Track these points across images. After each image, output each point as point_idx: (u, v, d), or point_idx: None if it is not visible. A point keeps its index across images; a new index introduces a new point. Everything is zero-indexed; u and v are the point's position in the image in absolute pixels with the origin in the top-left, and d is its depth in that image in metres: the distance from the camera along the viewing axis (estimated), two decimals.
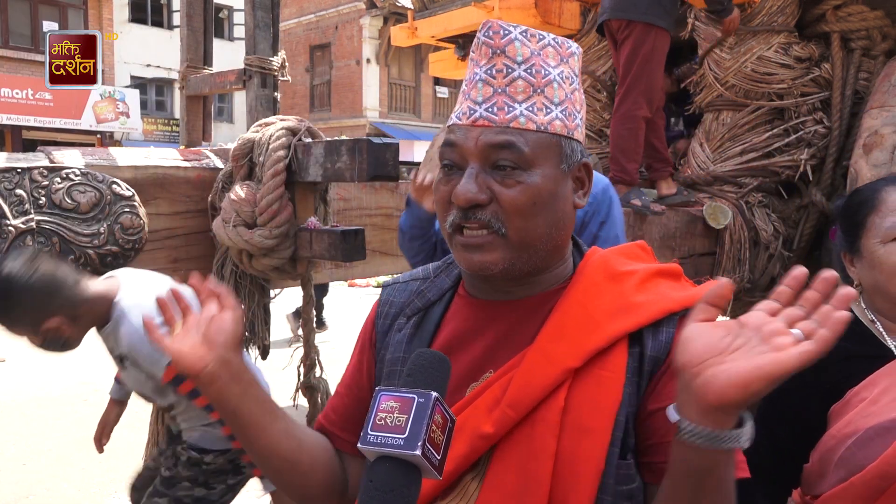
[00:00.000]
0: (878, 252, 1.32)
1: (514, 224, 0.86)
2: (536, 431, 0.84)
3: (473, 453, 0.86)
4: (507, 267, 0.88)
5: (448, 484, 0.88)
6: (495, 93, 0.87)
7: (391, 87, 20.20)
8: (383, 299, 1.07)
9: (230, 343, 0.87)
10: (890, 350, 1.30)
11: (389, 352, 1.01)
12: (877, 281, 1.33)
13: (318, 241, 1.85)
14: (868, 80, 3.43)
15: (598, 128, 4.09)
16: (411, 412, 0.71)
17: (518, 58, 0.87)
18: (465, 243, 0.88)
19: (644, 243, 1.04)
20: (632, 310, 0.88)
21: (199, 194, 1.97)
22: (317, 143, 1.84)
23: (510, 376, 0.88)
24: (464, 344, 0.95)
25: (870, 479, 1.16)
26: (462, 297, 1.00)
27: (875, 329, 1.34)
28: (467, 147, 0.87)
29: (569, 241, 0.96)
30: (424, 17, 4.63)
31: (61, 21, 16.44)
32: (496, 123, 0.86)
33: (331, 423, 1.06)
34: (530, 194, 0.85)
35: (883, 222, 1.32)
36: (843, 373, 1.30)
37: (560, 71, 0.89)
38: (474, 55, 0.91)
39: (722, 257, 3.33)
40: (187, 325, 0.88)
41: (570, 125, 0.90)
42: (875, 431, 1.19)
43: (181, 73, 2.42)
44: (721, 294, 0.74)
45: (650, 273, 0.93)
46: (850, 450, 1.21)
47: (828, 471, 1.25)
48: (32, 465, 4.27)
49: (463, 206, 0.86)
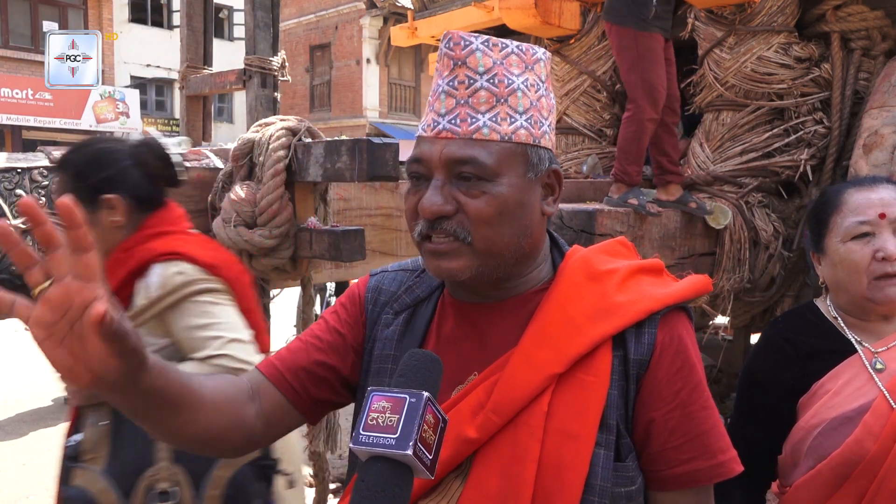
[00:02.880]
0: (839, 251, 1.39)
1: (479, 233, 0.86)
2: (520, 436, 0.84)
3: (457, 456, 0.86)
4: (474, 274, 0.88)
5: (432, 484, 0.87)
6: (458, 104, 0.87)
7: (391, 87, 20.20)
8: (372, 285, 1.06)
9: (101, 356, 0.69)
10: (851, 343, 1.37)
11: (377, 347, 1.00)
12: (838, 278, 1.40)
13: (318, 241, 1.85)
14: (868, 80, 3.43)
15: (598, 128, 4.09)
16: (403, 412, 0.71)
17: (480, 68, 0.87)
18: (432, 250, 0.88)
19: (625, 239, 1.04)
20: (613, 311, 0.88)
21: (199, 194, 1.97)
22: (317, 143, 1.84)
23: (494, 379, 0.88)
24: (450, 345, 0.95)
25: (835, 465, 1.26)
26: (447, 298, 1.00)
27: (838, 325, 1.41)
28: (432, 159, 0.87)
29: (539, 247, 0.96)
30: (424, 17, 4.63)
31: (61, 21, 16.44)
32: (459, 135, 0.86)
33: (282, 360, 1.00)
34: (495, 204, 0.86)
35: (843, 222, 1.39)
36: (808, 367, 1.38)
37: (525, 79, 0.89)
38: (438, 66, 0.91)
39: (722, 257, 3.33)
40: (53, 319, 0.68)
41: (536, 133, 0.89)
42: (839, 421, 1.28)
43: (181, 73, 2.42)
44: None
45: (631, 270, 0.94)
46: (818, 439, 1.30)
47: (799, 460, 1.35)
48: (32, 465, 4.27)
49: (429, 217, 0.86)
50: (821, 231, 1.45)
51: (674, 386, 0.87)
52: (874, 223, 1.35)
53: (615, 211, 2.80)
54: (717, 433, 0.89)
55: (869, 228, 1.35)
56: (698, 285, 0.95)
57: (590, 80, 4.01)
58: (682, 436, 0.87)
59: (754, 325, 4.52)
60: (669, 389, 0.87)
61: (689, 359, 0.89)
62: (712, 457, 0.87)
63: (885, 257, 1.32)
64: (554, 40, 4.09)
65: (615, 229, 2.75)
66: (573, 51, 4.02)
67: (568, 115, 4.07)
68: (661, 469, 0.88)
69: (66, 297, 0.67)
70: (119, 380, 0.73)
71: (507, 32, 3.97)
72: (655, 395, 0.87)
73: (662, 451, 0.87)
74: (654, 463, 0.88)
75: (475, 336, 0.94)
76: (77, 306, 0.67)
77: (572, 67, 4.02)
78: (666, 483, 0.88)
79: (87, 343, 0.68)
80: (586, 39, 4.00)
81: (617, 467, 0.85)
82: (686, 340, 0.90)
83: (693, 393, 0.88)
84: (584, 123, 4.08)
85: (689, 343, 0.91)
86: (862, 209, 1.36)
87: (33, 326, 0.68)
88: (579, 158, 4.03)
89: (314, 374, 0.99)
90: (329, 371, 0.99)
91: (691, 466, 0.86)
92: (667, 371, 0.87)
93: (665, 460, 0.87)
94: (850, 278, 1.36)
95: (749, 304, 3.69)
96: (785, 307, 3.71)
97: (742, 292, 3.46)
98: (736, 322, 4.16)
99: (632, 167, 3.04)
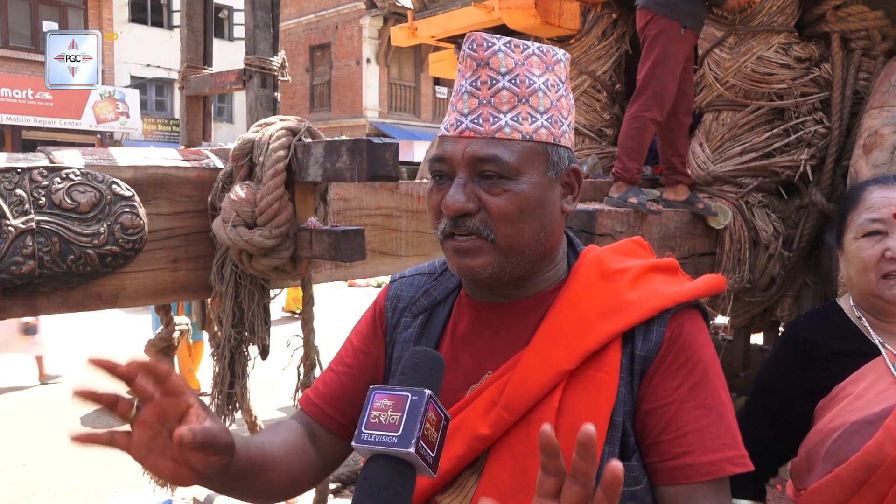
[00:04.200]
0: (852, 247, 1.38)
1: (501, 231, 0.88)
2: (532, 432, 0.85)
3: (470, 453, 0.88)
4: (496, 271, 0.89)
5: (447, 480, 0.89)
6: (480, 104, 0.89)
7: (391, 87, 20.19)
8: (391, 293, 1.08)
9: (205, 465, 0.79)
10: (875, 346, 1.34)
11: (396, 350, 1.02)
12: (850, 275, 1.39)
13: (318, 241, 1.85)
14: (868, 80, 3.43)
15: (598, 128, 4.09)
16: (405, 410, 0.71)
17: (502, 69, 0.89)
18: (455, 248, 0.90)
19: (641, 239, 1.04)
20: (623, 309, 0.89)
21: (199, 194, 1.97)
22: (317, 144, 1.84)
23: (507, 378, 0.89)
24: (466, 345, 0.96)
25: (853, 470, 1.23)
26: (464, 299, 1.01)
27: (861, 325, 1.38)
28: (455, 158, 0.88)
29: (559, 246, 0.97)
30: (424, 17, 4.63)
31: (61, 21, 16.44)
32: (482, 134, 0.87)
33: (319, 395, 1.06)
34: (517, 202, 0.87)
35: (858, 219, 1.37)
36: (830, 370, 1.35)
37: (545, 79, 0.91)
38: (461, 67, 0.92)
39: (722, 257, 3.33)
40: (150, 434, 0.76)
41: (556, 132, 0.91)
42: (859, 425, 1.25)
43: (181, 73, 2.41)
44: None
45: (644, 269, 0.94)
46: (836, 443, 1.27)
47: (816, 464, 1.31)
48: (32, 465, 4.27)
49: (452, 215, 0.88)
50: (841, 227, 1.43)
51: (674, 381, 0.87)
52: (887, 222, 1.33)
53: (615, 211, 2.80)
54: (715, 431, 0.88)
55: (881, 227, 1.33)
56: (711, 284, 0.95)
57: (590, 80, 4.01)
58: (676, 430, 0.86)
59: (754, 325, 4.52)
60: (669, 384, 0.87)
61: (695, 355, 0.89)
62: (705, 453, 0.86)
63: (893, 257, 1.30)
64: (554, 40, 4.09)
65: (615, 229, 2.75)
66: (573, 51, 4.02)
67: None
68: (655, 461, 0.88)
69: (158, 415, 0.76)
70: (219, 472, 0.81)
71: (506, 32, 3.97)
72: (654, 387, 0.87)
73: (657, 444, 0.87)
74: (649, 455, 0.88)
75: (490, 336, 0.95)
76: (171, 420, 0.76)
77: (572, 67, 4.02)
78: (659, 476, 0.88)
79: (186, 454, 0.76)
80: (586, 39, 4.00)
81: (623, 466, 0.85)
82: (695, 337, 0.90)
83: (693, 390, 0.88)
84: (584, 123, 4.08)
85: (698, 340, 0.90)
86: (877, 207, 1.34)
87: (134, 450, 0.76)
88: (579, 158, 4.04)
89: (352, 402, 1.02)
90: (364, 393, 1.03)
91: (683, 461, 0.86)
92: (669, 366, 0.88)
93: (659, 452, 0.87)
94: (860, 275, 1.35)
95: (749, 304, 3.69)
96: (785, 307, 3.71)
97: (742, 292, 3.46)
98: (736, 322, 4.16)
99: (632, 164, 3.03)
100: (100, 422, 4.63)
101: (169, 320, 2.22)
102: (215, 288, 1.94)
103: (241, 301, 1.96)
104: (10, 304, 1.66)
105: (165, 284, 1.88)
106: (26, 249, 1.63)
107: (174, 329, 2.23)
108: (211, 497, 3.64)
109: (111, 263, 1.77)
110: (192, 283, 1.93)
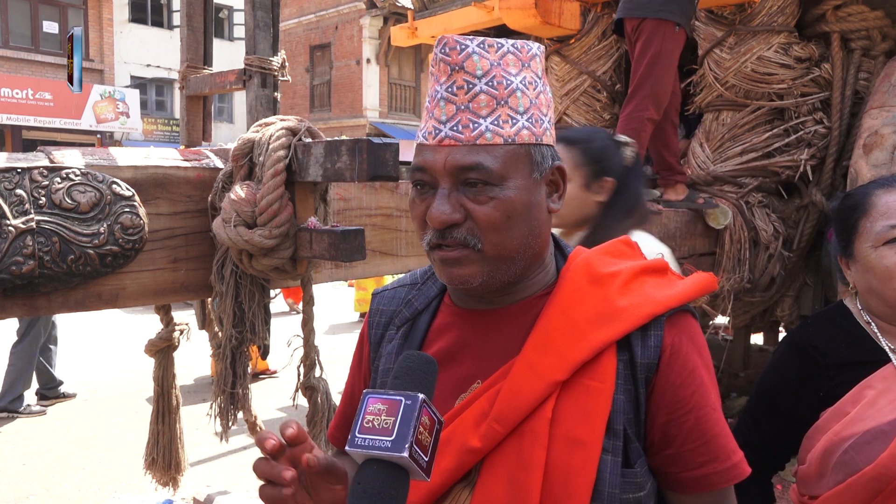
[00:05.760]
0: (870, 256, 1.33)
1: (490, 239, 0.86)
2: (525, 443, 0.84)
3: (462, 467, 0.86)
4: (486, 279, 0.88)
5: (439, 494, 0.87)
6: (458, 110, 0.86)
7: (391, 87, 20.19)
8: (373, 309, 1.08)
9: None
10: (883, 351, 1.31)
11: (381, 363, 1.01)
12: (871, 285, 1.34)
13: (318, 241, 1.85)
14: (868, 80, 3.43)
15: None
16: (398, 414, 0.71)
17: (478, 72, 0.86)
18: (443, 258, 0.88)
19: (628, 238, 1.03)
20: (615, 316, 0.87)
21: (199, 194, 1.97)
22: (317, 143, 1.84)
23: (497, 388, 0.87)
24: (452, 354, 0.94)
25: (866, 480, 1.20)
26: (448, 306, 0.99)
27: (871, 331, 1.35)
28: (437, 168, 0.86)
29: (547, 247, 0.96)
30: (424, 17, 4.63)
31: (61, 21, 16.44)
32: (462, 142, 0.85)
33: (338, 428, 1.12)
34: (504, 209, 0.85)
35: (874, 226, 1.33)
36: (838, 378, 1.32)
37: (523, 77, 0.88)
38: (434, 71, 0.89)
39: (722, 257, 3.33)
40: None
41: (538, 132, 0.89)
42: (872, 435, 1.22)
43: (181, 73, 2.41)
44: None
45: (634, 273, 0.93)
46: (849, 453, 1.24)
47: (826, 472, 1.28)
48: (32, 465, 4.27)
49: (438, 227, 0.86)
50: (849, 235, 1.39)
51: (688, 389, 0.87)
52: None
53: None
54: (727, 434, 0.89)
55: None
56: (702, 285, 0.94)
57: (590, 80, 4.00)
58: (697, 438, 0.87)
59: (754, 325, 4.52)
60: (684, 392, 0.87)
61: (699, 360, 0.89)
62: (726, 459, 0.87)
63: None
64: (554, 40, 4.09)
65: None
66: (573, 51, 4.02)
67: (568, 115, 4.07)
68: (678, 471, 0.87)
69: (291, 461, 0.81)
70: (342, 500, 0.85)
71: (507, 32, 3.97)
72: (669, 397, 0.86)
73: (680, 454, 0.87)
74: (671, 465, 0.87)
75: (478, 343, 0.93)
76: (300, 465, 0.81)
77: (572, 67, 4.02)
78: (685, 485, 0.88)
79: (317, 488, 0.83)
80: (586, 39, 4.00)
81: (625, 473, 0.84)
82: (694, 342, 0.90)
83: (705, 395, 0.88)
84: (584, 123, 4.08)
85: (698, 344, 0.90)
86: (893, 212, 1.31)
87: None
88: None
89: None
90: None
91: (708, 469, 0.86)
92: (679, 374, 0.87)
93: (683, 463, 0.87)
94: (884, 284, 1.31)
95: (749, 304, 3.69)
96: (785, 307, 3.71)
97: (742, 292, 3.46)
98: (736, 322, 4.16)
99: None
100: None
101: (169, 320, 2.22)
102: (215, 288, 1.94)
103: (241, 301, 1.96)
104: (10, 303, 1.66)
105: (165, 284, 1.88)
106: (26, 249, 1.63)
107: (174, 329, 2.23)
108: (211, 497, 3.64)
109: (111, 263, 1.77)
110: (192, 283, 1.94)
